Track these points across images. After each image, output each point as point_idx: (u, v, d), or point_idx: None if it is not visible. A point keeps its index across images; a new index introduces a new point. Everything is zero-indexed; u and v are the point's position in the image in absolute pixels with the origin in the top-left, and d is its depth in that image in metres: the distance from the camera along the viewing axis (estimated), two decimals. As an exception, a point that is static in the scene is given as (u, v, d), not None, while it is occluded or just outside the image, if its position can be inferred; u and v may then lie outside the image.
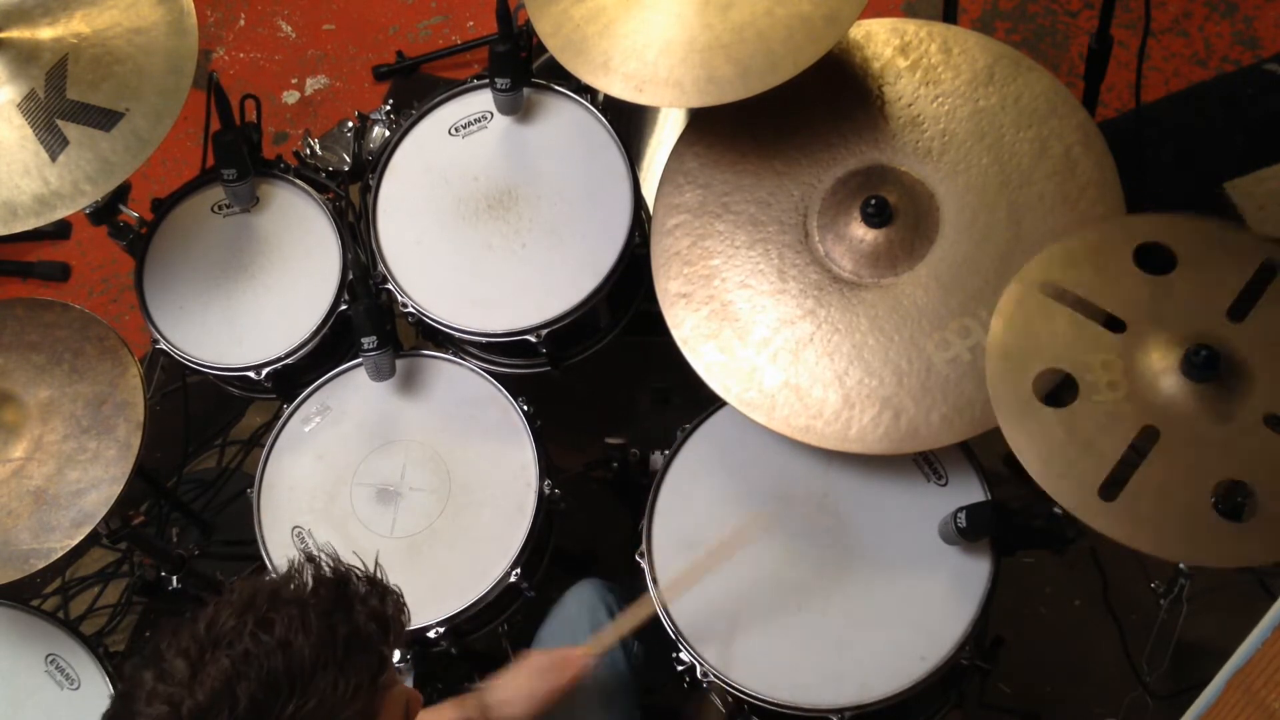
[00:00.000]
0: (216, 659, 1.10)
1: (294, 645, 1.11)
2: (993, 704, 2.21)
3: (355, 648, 1.15)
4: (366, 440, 2.01)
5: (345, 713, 1.13)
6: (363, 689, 1.15)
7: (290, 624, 1.12)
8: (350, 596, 1.18)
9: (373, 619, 1.18)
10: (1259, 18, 2.82)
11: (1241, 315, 1.52)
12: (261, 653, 1.10)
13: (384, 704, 1.20)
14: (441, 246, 2.06)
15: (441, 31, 3.17)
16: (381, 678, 1.18)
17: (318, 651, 1.12)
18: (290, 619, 1.13)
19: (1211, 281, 1.54)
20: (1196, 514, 1.43)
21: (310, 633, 1.12)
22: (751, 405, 1.77)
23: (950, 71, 1.85)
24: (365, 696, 1.15)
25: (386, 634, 1.19)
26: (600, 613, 1.88)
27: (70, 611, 2.54)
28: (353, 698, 1.14)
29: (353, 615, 1.16)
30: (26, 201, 1.81)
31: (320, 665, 1.12)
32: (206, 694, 1.09)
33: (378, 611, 1.19)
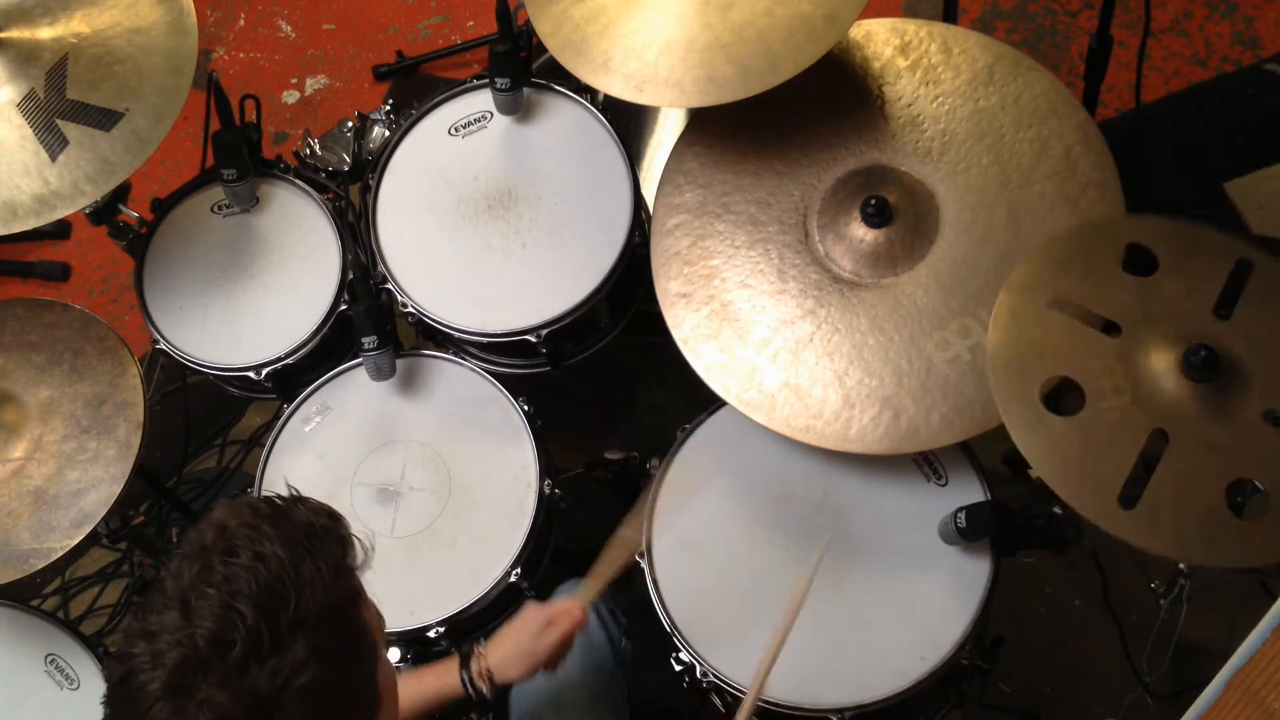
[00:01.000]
0: (203, 594, 1.11)
1: (265, 554, 1.13)
2: (993, 704, 2.21)
3: (316, 536, 1.17)
4: (366, 440, 2.01)
5: (337, 594, 1.15)
6: (341, 568, 1.17)
7: (251, 540, 1.14)
8: (283, 506, 1.20)
9: (315, 512, 1.21)
10: (1259, 18, 2.82)
11: (1228, 313, 1.53)
12: (241, 572, 1.11)
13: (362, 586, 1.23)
14: (442, 246, 2.06)
15: (441, 31, 3.17)
16: (350, 555, 1.20)
17: (289, 550, 1.14)
18: (249, 538, 1.14)
19: (1194, 281, 1.55)
20: (1215, 515, 1.43)
21: (272, 539, 1.14)
22: (751, 405, 1.77)
23: (950, 71, 1.85)
24: (346, 575, 1.18)
25: (335, 519, 1.21)
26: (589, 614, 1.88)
27: (70, 611, 2.54)
28: (337, 577, 1.16)
29: (296, 515, 1.19)
30: (26, 201, 1.81)
31: (297, 559, 1.13)
32: (212, 620, 1.09)
33: (315, 507, 1.22)
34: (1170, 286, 1.55)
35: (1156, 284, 1.55)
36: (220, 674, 1.08)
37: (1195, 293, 1.54)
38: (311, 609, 1.12)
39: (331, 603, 1.14)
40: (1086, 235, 1.61)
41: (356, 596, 1.20)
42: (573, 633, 1.69)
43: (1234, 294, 1.53)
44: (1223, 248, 1.57)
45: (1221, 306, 1.53)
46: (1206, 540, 1.43)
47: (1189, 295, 1.54)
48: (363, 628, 1.19)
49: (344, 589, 1.17)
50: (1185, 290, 1.55)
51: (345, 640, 1.16)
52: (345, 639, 1.16)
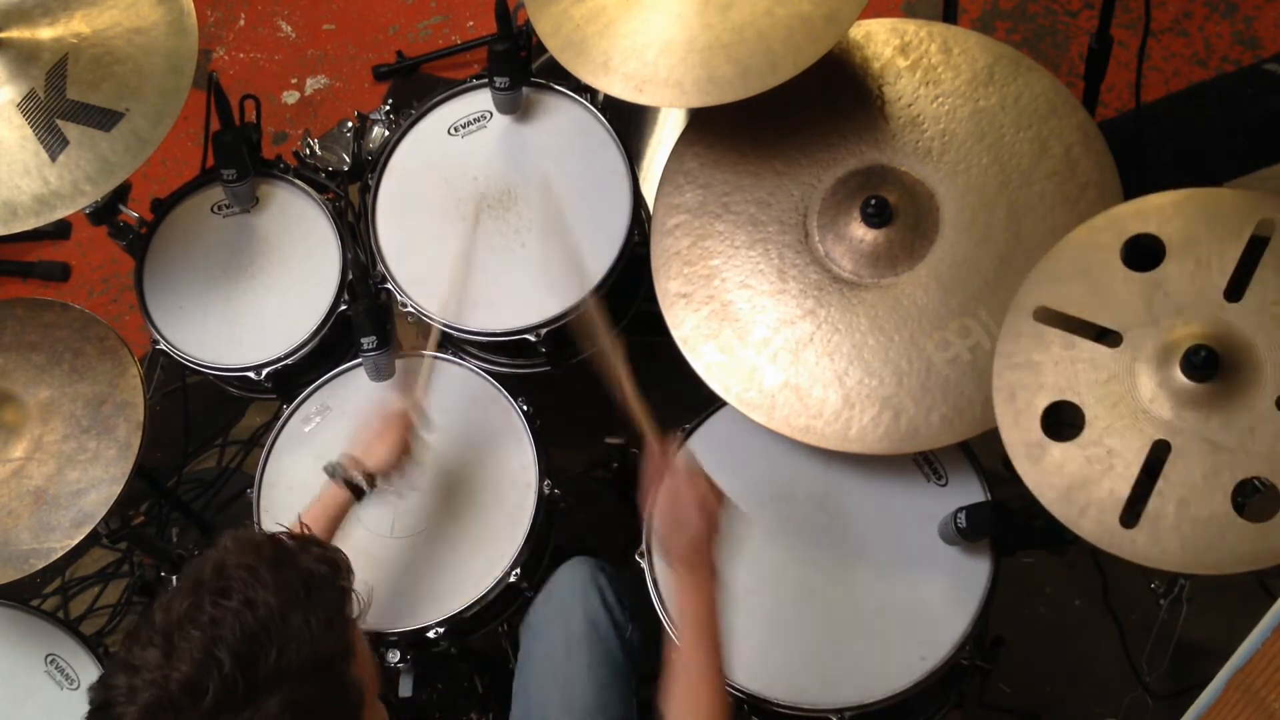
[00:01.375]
0: (186, 635, 1.11)
1: (256, 600, 1.13)
2: (993, 704, 2.21)
3: (314, 587, 1.17)
4: (366, 440, 2.01)
5: (325, 649, 1.15)
6: (334, 623, 1.17)
7: (245, 585, 1.14)
8: (288, 549, 1.20)
9: (318, 561, 1.20)
10: (1259, 18, 2.81)
11: (1239, 294, 1.49)
12: (228, 616, 1.11)
13: (358, 639, 1.22)
14: (441, 246, 2.06)
15: (441, 31, 3.17)
16: (346, 609, 1.20)
17: (280, 599, 1.13)
18: (244, 581, 1.14)
19: (1204, 263, 1.51)
20: (1220, 522, 1.41)
21: (267, 586, 1.14)
22: (751, 405, 1.77)
23: (950, 71, 1.85)
24: (339, 629, 1.17)
25: (338, 570, 1.21)
26: (592, 594, 1.86)
27: (70, 611, 2.54)
28: (328, 631, 1.15)
29: (298, 562, 1.18)
30: (26, 201, 1.81)
31: (287, 609, 1.13)
32: (188, 665, 1.09)
33: (321, 555, 1.21)
34: (1176, 276, 1.51)
35: (1162, 276, 1.52)
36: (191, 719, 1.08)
37: (1204, 278, 1.50)
38: (294, 661, 1.11)
39: (318, 657, 1.14)
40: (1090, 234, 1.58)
41: (347, 651, 1.19)
42: (411, 423, 1.80)
43: (1248, 269, 1.49)
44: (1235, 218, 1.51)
45: (1233, 287, 1.49)
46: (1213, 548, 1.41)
47: (1197, 282, 1.50)
48: (348, 684, 1.18)
49: (333, 643, 1.16)
50: (1193, 277, 1.50)
51: (326, 696, 1.15)
52: (326, 695, 1.15)
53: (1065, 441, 1.50)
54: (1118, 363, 1.50)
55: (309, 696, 1.12)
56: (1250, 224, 1.50)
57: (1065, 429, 1.51)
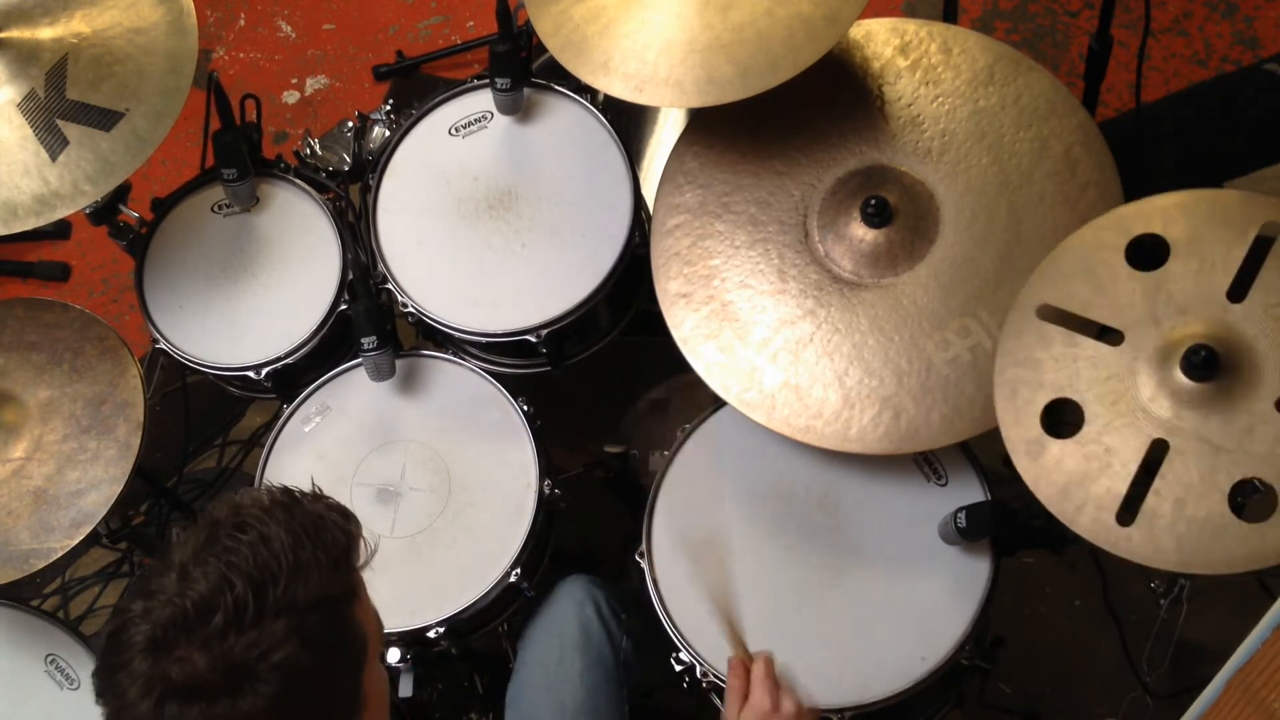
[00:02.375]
0: (203, 562, 1.15)
1: (270, 535, 1.16)
2: (993, 704, 2.21)
3: (323, 529, 1.20)
4: (366, 440, 2.01)
5: (332, 587, 1.18)
6: (341, 563, 1.20)
7: (260, 521, 1.17)
8: (300, 497, 1.24)
9: (328, 508, 1.24)
10: (1259, 18, 2.82)
11: (1242, 294, 1.49)
12: (243, 547, 1.15)
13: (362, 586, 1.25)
14: (442, 246, 2.06)
15: (441, 31, 3.17)
16: (354, 553, 1.23)
17: (293, 535, 1.17)
18: (257, 518, 1.18)
19: (1207, 263, 1.51)
20: (1217, 522, 1.41)
21: (280, 523, 1.18)
22: (751, 405, 1.77)
23: (950, 71, 1.85)
24: (345, 571, 1.21)
25: (346, 516, 1.25)
26: (589, 608, 1.88)
27: (70, 611, 2.54)
28: (335, 571, 1.19)
29: (309, 507, 1.22)
30: (26, 201, 1.81)
31: (299, 545, 1.17)
32: (204, 585, 1.13)
33: (329, 503, 1.25)
34: (1180, 276, 1.51)
35: (1165, 275, 1.52)
36: (201, 636, 1.12)
37: (1207, 278, 1.50)
38: (302, 594, 1.15)
39: (324, 593, 1.17)
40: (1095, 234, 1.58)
41: (351, 594, 1.22)
42: None
43: (1251, 271, 1.49)
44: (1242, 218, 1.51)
45: (1235, 289, 1.49)
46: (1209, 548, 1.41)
47: (1200, 282, 1.50)
48: (352, 625, 1.21)
49: (339, 583, 1.20)
50: (1196, 277, 1.50)
51: (330, 631, 1.18)
52: (330, 630, 1.18)
53: (1064, 439, 1.50)
54: (1119, 361, 1.51)
55: (314, 628, 1.15)
56: (1255, 225, 1.50)
57: (1064, 426, 1.51)
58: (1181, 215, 1.54)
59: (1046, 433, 1.51)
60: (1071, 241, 1.58)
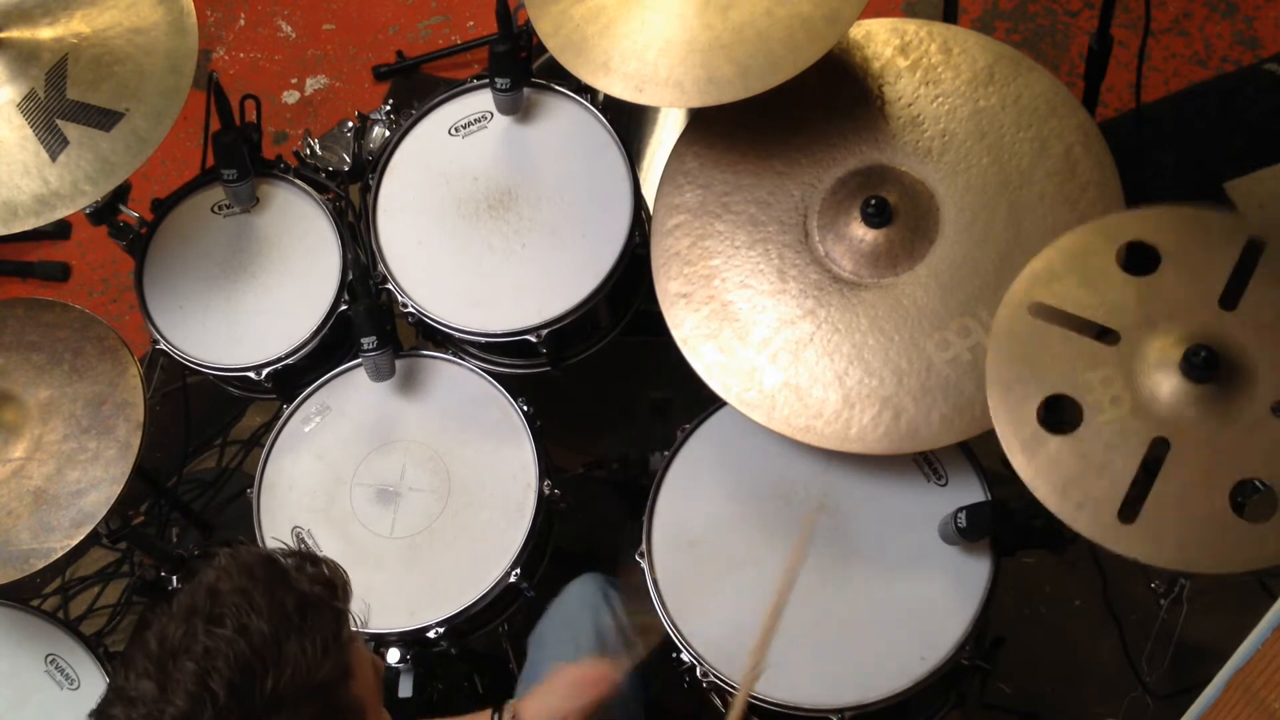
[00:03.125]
0: (180, 666, 1.11)
1: (250, 628, 1.12)
2: (993, 704, 2.21)
3: (309, 610, 1.16)
4: (366, 440, 2.01)
5: (322, 672, 1.14)
6: (330, 647, 1.16)
7: (239, 611, 1.13)
8: (284, 569, 1.19)
9: (315, 582, 1.19)
10: (1259, 18, 2.81)
11: (1234, 302, 1.50)
12: (222, 645, 1.11)
13: (355, 658, 1.21)
14: (442, 246, 2.06)
15: (441, 31, 3.17)
16: (344, 632, 1.19)
17: (274, 625, 1.13)
18: (237, 607, 1.13)
19: (1199, 272, 1.52)
20: (1218, 521, 1.42)
21: (260, 612, 1.13)
22: (751, 405, 1.77)
23: (950, 71, 1.85)
24: (335, 653, 1.17)
25: (334, 590, 1.20)
26: (601, 608, 1.87)
27: (70, 611, 2.54)
28: (324, 656, 1.15)
29: (294, 584, 1.18)
30: (26, 201, 1.81)
31: (282, 636, 1.13)
32: (183, 699, 1.09)
33: (317, 575, 1.21)
34: (1173, 282, 1.52)
35: (1158, 281, 1.53)
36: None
37: (1199, 285, 1.51)
38: (290, 688, 1.11)
39: (314, 682, 1.13)
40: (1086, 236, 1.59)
41: (344, 674, 1.18)
42: (607, 696, 1.65)
43: (1241, 281, 1.50)
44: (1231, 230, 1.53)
45: (1227, 296, 1.50)
46: (1210, 547, 1.41)
47: (1192, 288, 1.51)
48: (346, 705, 1.18)
49: (330, 667, 1.16)
50: (1189, 284, 1.51)
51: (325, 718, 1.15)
52: (325, 717, 1.15)
53: (1063, 435, 1.50)
54: (1116, 360, 1.51)
55: None
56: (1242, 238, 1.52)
57: (1062, 424, 1.51)
58: (1171, 227, 1.55)
59: (1044, 429, 1.51)
60: (1064, 242, 1.59)
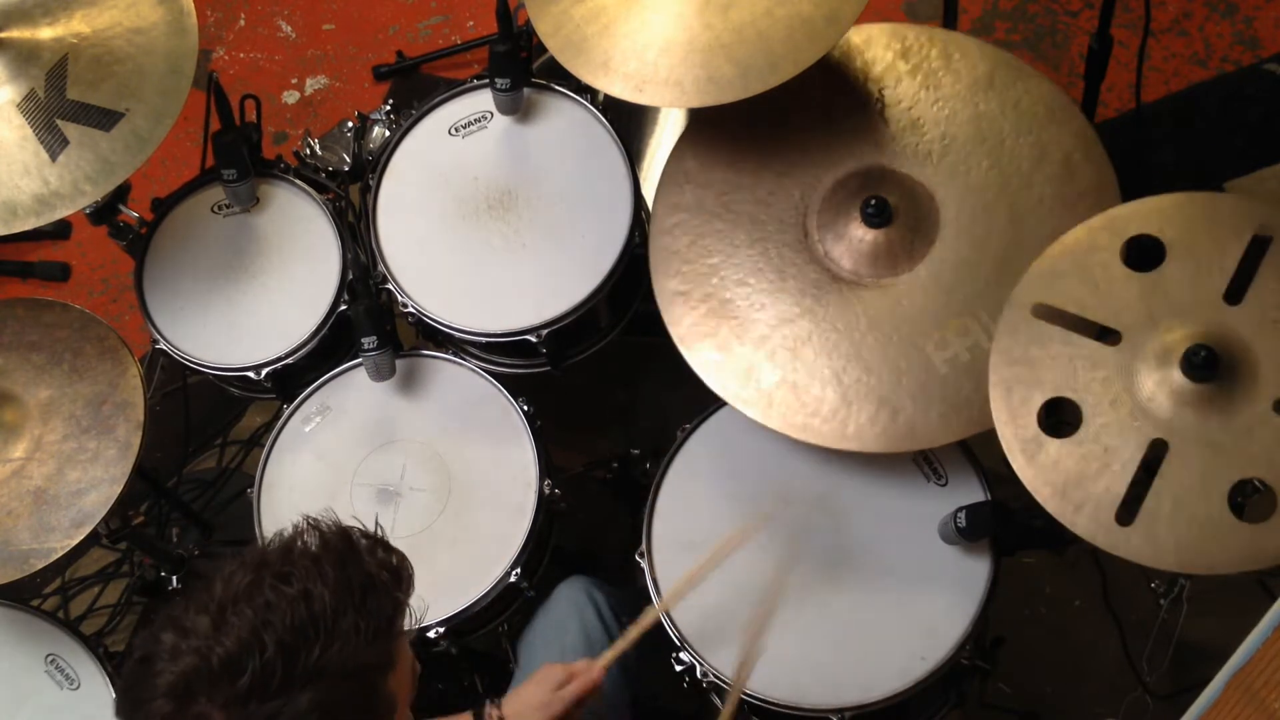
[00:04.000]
0: (240, 612, 1.11)
1: (314, 594, 1.13)
2: (993, 704, 2.21)
3: (371, 593, 1.16)
4: (366, 440, 2.01)
5: (367, 657, 1.15)
6: (382, 633, 1.16)
7: (307, 574, 1.14)
8: (358, 548, 1.20)
9: (383, 567, 1.20)
10: (1259, 18, 2.81)
11: (1239, 296, 1.49)
12: (283, 603, 1.12)
13: (400, 653, 1.22)
14: (442, 246, 2.06)
15: (441, 31, 3.17)
16: (398, 623, 1.20)
17: (337, 597, 1.13)
18: (306, 570, 1.14)
19: (1204, 266, 1.51)
20: (1216, 522, 1.41)
21: (327, 582, 1.14)
22: (749, 403, 1.77)
23: (951, 76, 1.85)
24: (384, 641, 1.17)
25: (399, 580, 1.21)
26: (588, 610, 1.88)
27: (70, 611, 2.54)
28: (373, 641, 1.15)
29: (364, 564, 1.18)
30: (26, 201, 1.81)
31: (341, 610, 1.13)
32: (234, 642, 1.10)
33: (386, 561, 1.21)
34: (1177, 277, 1.51)
35: (1162, 277, 1.52)
36: (223, 695, 1.09)
37: (1204, 279, 1.50)
38: (334, 663, 1.12)
39: (358, 663, 1.14)
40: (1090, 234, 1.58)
41: (388, 664, 1.19)
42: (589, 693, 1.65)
43: (1248, 273, 1.49)
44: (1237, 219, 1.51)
45: (1232, 290, 1.49)
46: (1208, 549, 1.41)
47: (1197, 283, 1.50)
48: (381, 695, 1.18)
49: (376, 653, 1.16)
50: (1193, 278, 1.50)
51: (358, 704, 1.15)
52: (358, 702, 1.15)
53: (1062, 438, 1.50)
54: (1117, 361, 1.51)
55: (340, 700, 1.12)
56: (1250, 227, 1.50)
57: (1063, 426, 1.51)
58: (1177, 217, 1.54)
59: (1044, 432, 1.51)
60: (1067, 241, 1.58)
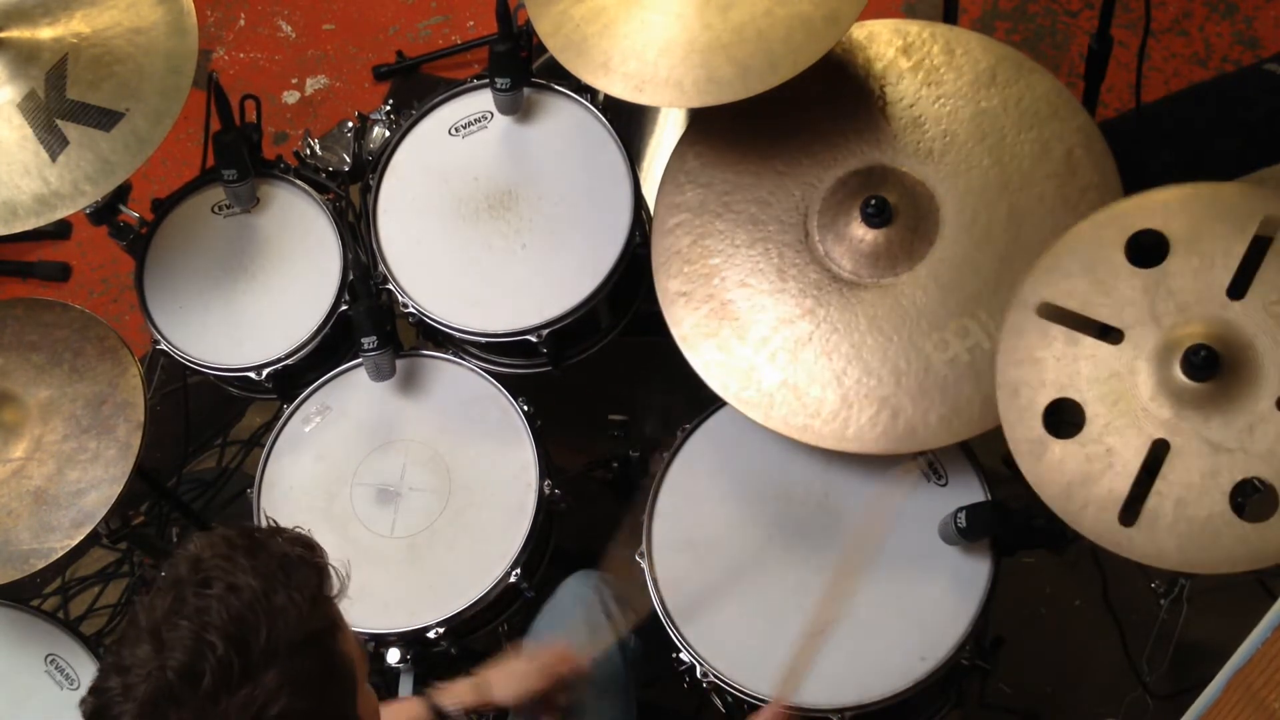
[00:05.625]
0: (174, 626, 1.10)
1: (239, 584, 1.12)
2: (993, 704, 2.21)
3: (291, 567, 1.16)
4: (366, 440, 2.01)
5: (312, 623, 1.15)
6: (317, 598, 1.17)
7: (224, 572, 1.13)
8: (259, 536, 1.20)
9: (292, 543, 1.20)
10: (1259, 18, 2.82)
11: (1241, 292, 1.48)
12: (213, 603, 1.11)
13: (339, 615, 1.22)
14: (442, 246, 2.06)
15: (441, 31, 3.17)
16: (326, 585, 1.20)
17: (262, 581, 1.13)
18: (222, 569, 1.14)
19: (1208, 260, 1.50)
20: (1219, 521, 1.42)
21: (245, 570, 1.14)
22: (750, 404, 1.77)
23: (952, 73, 1.85)
24: (322, 605, 1.17)
25: (311, 548, 1.21)
26: (594, 605, 1.88)
27: (70, 611, 2.54)
28: (313, 606, 1.15)
29: (272, 546, 1.18)
30: (26, 201, 1.81)
31: (270, 590, 1.13)
32: (182, 652, 1.09)
33: (292, 537, 1.21)
34: (1180, 272, 1.51)
35: (1165, 273, 1.52)
36: (192, 705, 1.08)
37: (1207, 274, 1.50)
38: (284, 638, 1.12)
39: (306, 632, 1.14)
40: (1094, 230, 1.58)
41: (333, 626, 1.19)
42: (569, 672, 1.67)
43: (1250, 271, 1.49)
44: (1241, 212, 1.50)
45: (1235, 285, 1.49)
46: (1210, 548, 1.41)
47: (1200, 278, 1.50)
48: (339, 657, 1.18)
49: (319, 618, 1.16)
50: (1197, 273, 1.50)
51: (320, 670, 1.15)
52: (320, 669, 1.15)
53: (1066, 439, 1.50)
54: (1119, 360, 1.51)
55: (304, 671, 1.12)
56: (1255, 220, 1.49)
57: (1066, 427, 1.51)
58: (1181, 211, 1.54)
59: (1048, 433, 1.51)
60: (1071, 238, 1.58)
